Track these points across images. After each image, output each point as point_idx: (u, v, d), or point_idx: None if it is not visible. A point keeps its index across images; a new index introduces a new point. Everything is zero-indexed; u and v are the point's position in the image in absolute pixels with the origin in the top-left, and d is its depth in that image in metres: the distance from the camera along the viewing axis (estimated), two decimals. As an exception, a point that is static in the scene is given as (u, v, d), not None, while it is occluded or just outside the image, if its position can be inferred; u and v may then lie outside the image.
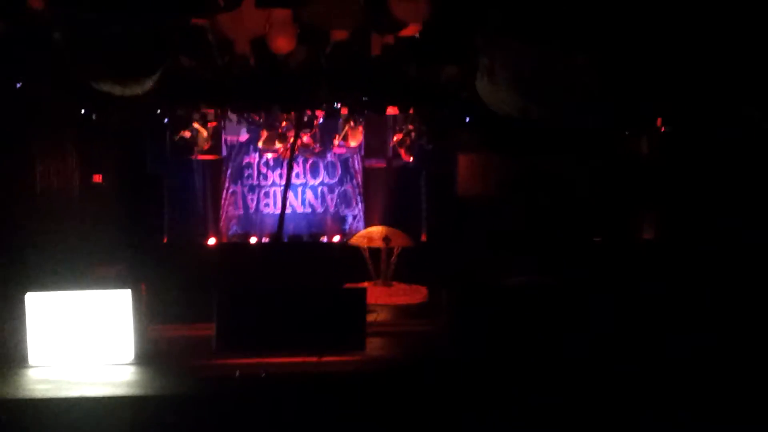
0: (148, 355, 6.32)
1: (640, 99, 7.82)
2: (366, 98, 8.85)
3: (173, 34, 7.15)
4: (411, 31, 7.86)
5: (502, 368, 6.14)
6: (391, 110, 9.42)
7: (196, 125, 9.09)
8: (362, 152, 9.64)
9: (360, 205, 9.63)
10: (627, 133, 8.63)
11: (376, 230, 8.92)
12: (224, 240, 9.38)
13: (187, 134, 9.07)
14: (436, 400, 5.82)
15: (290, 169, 8.75)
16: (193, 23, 7.35)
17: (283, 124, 9.38)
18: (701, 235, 8.02)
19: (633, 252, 8.34)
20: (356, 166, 9.66)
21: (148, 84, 6.91)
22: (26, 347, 6.13)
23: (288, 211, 9.19)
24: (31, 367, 6.11)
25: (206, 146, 9.22)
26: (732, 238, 7.80)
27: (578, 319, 6.70)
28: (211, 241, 9.27)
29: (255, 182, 9.54)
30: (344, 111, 9.30)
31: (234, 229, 9.44)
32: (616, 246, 8.26)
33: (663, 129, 8.56)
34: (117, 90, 6.92)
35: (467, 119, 8.79)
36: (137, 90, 6.89)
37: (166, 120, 8.99)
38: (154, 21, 6.66)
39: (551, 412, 5.76)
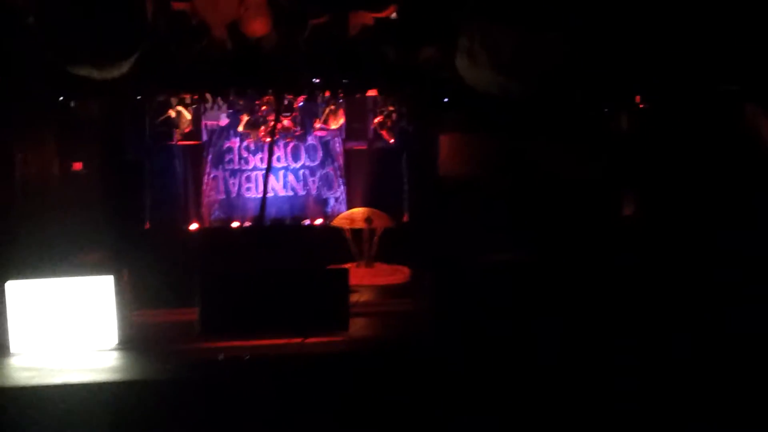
0: (132, 341, 6.34)
1: (617, 76, 7.87)
2: (345, 80, 8.86)
3: (155, 19, 7.15)
4: (389, 12, 7.89)
5: (485, 347, 6.18)
6: (372, 92, 9.43)
7: (179, 107, 9.06)
8: (343, 135, 9.63)
9: (342, 187, 9.63)
10: (606, 110, 8.66)
11: (358, 211, 8.93)
12: (206, 225, 9.36)
13: (172, 114, 9.05)
14: (420, 380, 5.86)
15: (271, 152, 8.74)
16: (174, 8, 7.36)
17: (263, 108, 9.36)
18: (681, 211, 8.07)
19: (613, 228, 8.38)
20: (337, 149, 9.65)
21: (125, 67, 6.89)
22: (8, 335, 6.13)
23: (270, 194, 9.19)
24: (14, 354, 6.10)
25: (187, 129, 9.20)
26: (711, 215, 7.87)
27: (560, 297, 6.75)
28: (194, 226, 9.25)
29: (236, 167, 9.52)
30: (325, 94, 9.30)
31: (216, 213, 9.43)
32: (596, 223, 8.30)
33: (642, 106, 8.60)
34: (94, 74, 6.90)
35: (446, 99, 8.80)
36: (114, 73, 6.88)
37: (146, 105, 8.95)
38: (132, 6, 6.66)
39: (535, 391, 5.82)
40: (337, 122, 9.52)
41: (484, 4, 7.15)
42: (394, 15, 8.05)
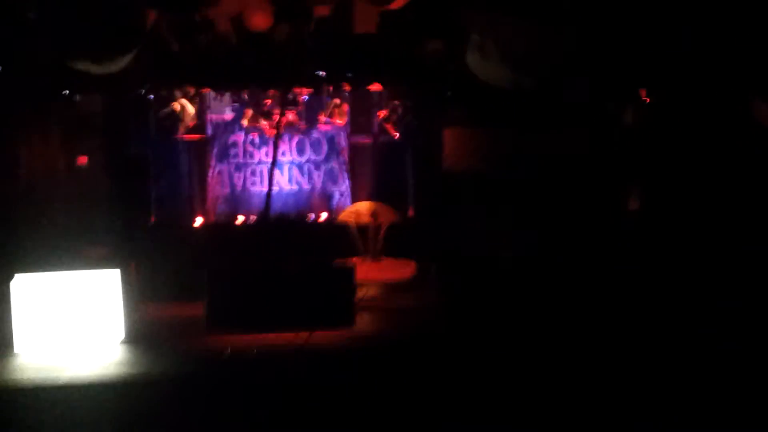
0: (139, 335, 6.35)
1: (623, 69, 7.86)
2: (350, 74, 8.84)
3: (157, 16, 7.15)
4: (395, 6, 7.88)
5: (491, 341, 6.19)
6: (376, 86, 9.41)
7: (183, 101, 9.05)
8: (348, 129, 9.61)
9: (347, 181, 9.61)
10: (611, 104, 8.64)
11: (364, 206, 8.92)
12: (212, 219, 9.35)
13: (177, 107, 9.03)
14: (426, 374, 5.87)
15: (276, 147, 8.72)
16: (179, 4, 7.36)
17: (268, 102, 9.34)
18: (686, 206, 8.07)
19: (618, 223, 8.38)
20: (342, 143, 9.62)
21: (124, 62, 6.89)
22: (14, 329, 6.13)
23: (275, 189, 9.17)
24: (20, 349, 6.11)
25: (192, 124, 9.19)
26: (717, 208, 7.86)
27: (566, 291, 6.76)
28: (199, 220, 9.24)
29: (241, 161, 9.50)
30: (329, 88, 9.28)
31: (221, 208, 9.41)
32: (602, 218, 8.29)
33: (647, 100, 8.58)
34: (93, 68, 6.91)
35: (450, 94, 8.78)
36: (112, 68, 6.88)
37: (151, 97, 8.93)
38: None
39: (543, 383, 5.82)
40: (342, 117, 9.50)
41: (495, 1, 7.17)
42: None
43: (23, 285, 6.12)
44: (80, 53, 6.81)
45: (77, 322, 6.19)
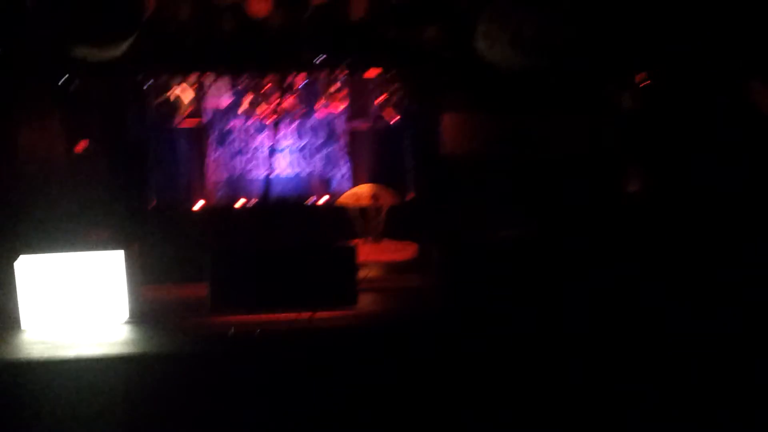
0: (143, 315, 6.38)
1: (622, 51, 7.89)
2: (348, 59, 8.85)
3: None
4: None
5: (493, 322, 6.23)
6: (375, 70, 9.41)
7: (181, 86, 9.04)
8: (347, 113, 9.62)
9: (346, 165, 9.63)
10: (610, 86, 8.66)
11: (364, 188, 8.94)
12: (212, 203, 9.37)
13: (175, 93, 9.03)
14: (427, 354, 5.91)
15: (275, 131, 8.73)
16: None
17: (266, 87, 9.34)
18: (686, 188, 8.11)
19: (619, 205, 8.42)
20: (341, 127, 9.64)
21: (123, 47, 6.90)
22: (20, 309, 6.16)
23: (274, 174, 9.20)
24: (26, 328, 6.14)
25: (190, 110, 9.19)
26: (716, 189, 7.90)
27: (568, 273, 6.79)
28: (199, 204, 9.26)
29: (240, 146, 9.51)
30: (327, 72, 9.29)
31: (221, 192, 9.44)
32: (601, 199, 8.33)
33: (647, 82, 8.61)
34: (93, 53, 6.91)
35: (449, 78, 8.79)
36: (112, 53, 6.88)
37: (150, 83, 8.93)
38: None
39: (544, 368, 5.86)
40: (341, 101, 9.51)
41: None
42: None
43: (28, 265, 6.15)
44: (80, 38, 6.81)
45: (82, 302, 6.23)
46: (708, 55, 7.76)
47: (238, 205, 9.33)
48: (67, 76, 8.27)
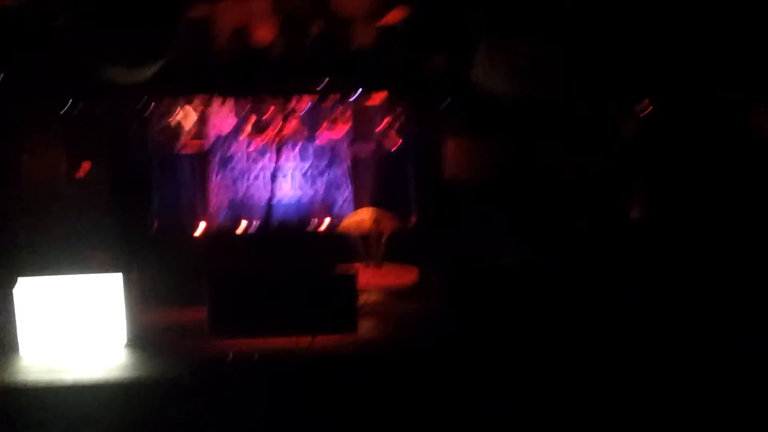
0: (142, 339, 6.35)
1: (624, 79, 7.91)
2: (351, 85, 8.88)
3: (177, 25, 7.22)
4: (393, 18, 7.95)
5: (495, 348, 6.19)
6: (379, 95, 9.44)
7: (184, 110, 9.06)
8: (350, 137, 9.65)
9: (349, 189, 9.64)
10: (613, 114, 8.68)
11: (366, 213, 8.93)
12: (213, 227, 9.37)
13: (178, 117, 9.05)
14: (429, 380, 5.87)
15: (278, 155, 8.75)
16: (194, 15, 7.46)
17: (269, 112, 9.36)
18: (689, 214, 8.10)
19: (621, 231, 8.40)
20: (344, 151, 9.66)
21: (155, 69, 6.94)
22: (18, 332, 6.13)
23: (276, 197, 9.21)
24: (24, 352, 6.11)
25: (193, 133, 9.20)
26: (719, 215, 7.89)
27: (570, 298, 6.77)
28: (201, 227, 9.26)
29: (242, 170, 9.53)
30: (330, 98, 9.31)
31: (223, 215, 9.44)
32: (604, 226, 8.32)
33: (649, 109, 8.62)
34: (123, 75, 6.94)
35: (452, 103, 8.81)
36: (144, 75, 6.92)
37: (150, 107, 8.95)
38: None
39: (548, 392, 5.82)
40: (344, 125, 9.53)
41: (498, 18, 7.27)
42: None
43: (27, 289, 6.14)
44: (114, 58, 6.85)
45: (81, 326, 6.20)
46: (708, 81, 7.78)
47: (239, 229, 9.33)
48: (71, 100, 8.30)
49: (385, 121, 9.53)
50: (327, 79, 8.58)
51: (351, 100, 9.25)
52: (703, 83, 7.83)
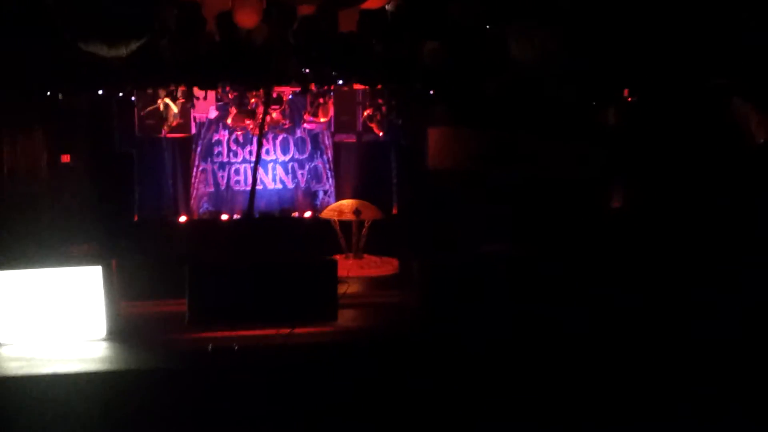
0: (121, 331, 6.35)
1: (606, 69, 7.93)
2: (334, 73, 8.85)
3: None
4: (374, 4, 7.94)
5: (474, 338, 6.22)
6: (361, 85, 9.43)
7: (166, 100, 9.02)
8: (332, 128, 9.64)
9: (331, 180, 9.64)
10: (594, 103, 8.70)
11: (347, 203, 8.94)
12: (195, 217, 9.36)
13: (160, 106, 9.01)
14: (408, 370, 5.90)
15: (260, 145, 8.72)
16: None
17: (252, 100, 9.34)
18: (670, 204, 8.14)
19: (602, 220, 8.44)
20: (326, 142, 9.65)
21: (133, 47, 6.93)
22: (-2, 324, 6.13)
23: (259, 187, 9.19)
24: (3, 345, 6.10)
25: (175, 123, 9.16)
26: (698, 205, 7.93)
27: (550, 288, 6.80)
28: (182, 218, 9.25)
29: (225, 159, 9.51)
30: (313, 87, 9.28)
31: (205, 206, 9.42)
32: (585, 215, 8.35)
33: (630, 99, 8.65)
34: (104, 51, 6.93)
35: (435, 94, 8.81)
36: (122, 52, 6.91)
37: (133, 98, 8.91)
38: None
39: (528, 380, 5.86)
40: (326, 115, 9.51)
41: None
42: (389, 6, 8.08)
43: (6, 281, 6.13)
44: (95, 34, 6.83)
45: (60, 318, 6.19)
46: (691, 73, 7.80)
47: (221, 220, 9.33)
48: (53, 88, 8.26)
49: (369, 110, 9.52)
50: (311, 67, 8.54)
51: (334, 88, 9.23)
52: (685, 71, 7.85)
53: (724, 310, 6.40)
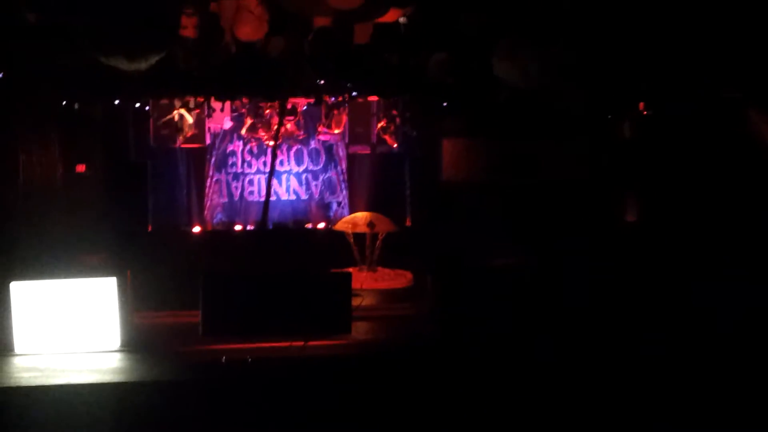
0: (135, 342, 6.35)
1: (621, 82, 7.91)
2: (349, 85, 8.87)
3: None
4: (390, 17, 7.94)
5: (488, 350, 6.20)
6: (375, 96, 9.42)
7: (182, 110, 9.05)
8: (346, 139, 9.63)
9: (344, 191, 9.63)
10: (609, 116, 8.69)
11: (361, 216, 8.92)
12: (209, 228, 9.36)
13: (175, 117, 9.03)
14: (422, 383, 5.88)
15: (274, 156, 8.74)
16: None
17: (267, 111, 9.35)
18: (685, 218, 8.11)
19: (617, 234, 8.41)
20: (340, 153, 9.65)
21: (153, 60, 6.95)
22: (12, 336, 6.15)
23: (272, 198, 9.18)
24: (18, 355, 6.12)
25: (190, 133, 9.19)
26: (714, 220, 7.91)
27: (562, 300, 6.79)
28: (196, 229, 9.26)
29: (239, 170, 9.52)
30: (327, 98, 9.29)
31: (219, 217, 9.43)
32: (600, 228, 8.33)
33: (645, 113, 8.63)
34: (123, 64, 6.95)
35: (448, 105, 8.80)
36: (142, 66, 6.92)
37: (148, 108, 8.94)
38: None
39: (541, 393, 5.84)
40: (341, 126, 9.52)
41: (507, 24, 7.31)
42: (402, 19, 8.09)
43: (22, 292, 6.15)
44: (115, 47, 6.84)
45: (74, 329, 6.21)
46: (706, 85, 7.78)
47: (235, 231, 9.34)
48: (68, 98, 8.29)
49: (383, 121, 9.52)
50: (325, 79, 8.55)
51: (349, 100, 9.23)
52: (699, 84, 7.82)
53: (737, 323, 6.38)
